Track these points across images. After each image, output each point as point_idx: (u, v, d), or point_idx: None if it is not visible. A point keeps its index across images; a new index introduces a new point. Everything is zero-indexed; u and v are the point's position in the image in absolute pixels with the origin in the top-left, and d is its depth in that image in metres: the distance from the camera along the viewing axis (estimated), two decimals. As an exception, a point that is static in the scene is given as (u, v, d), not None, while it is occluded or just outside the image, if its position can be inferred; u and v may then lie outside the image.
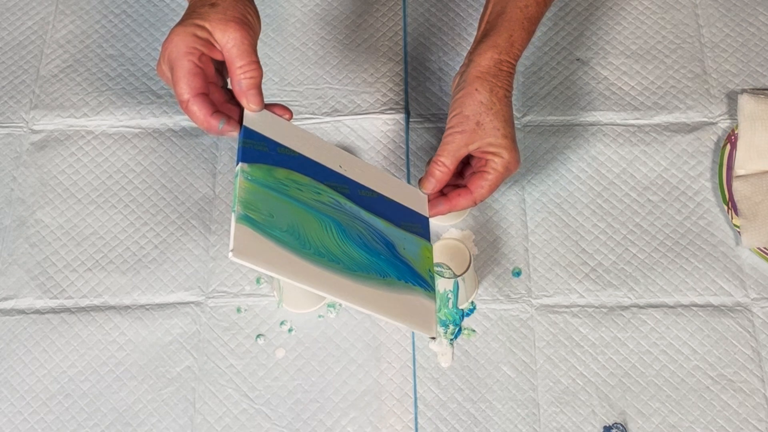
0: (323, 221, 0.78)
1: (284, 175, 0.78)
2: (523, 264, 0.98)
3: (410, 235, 0.85)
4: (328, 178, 0.82)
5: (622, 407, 0.91)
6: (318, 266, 0.75)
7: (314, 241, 0.77)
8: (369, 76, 1.10)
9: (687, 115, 1.06)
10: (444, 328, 0.94)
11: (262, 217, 0.74)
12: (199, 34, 0.75)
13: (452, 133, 0.87)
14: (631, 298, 0.96)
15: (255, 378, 0.93)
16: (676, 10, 1.13)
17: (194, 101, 0.75)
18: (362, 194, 0.84)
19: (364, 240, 0.81)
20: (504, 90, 0.87)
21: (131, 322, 0.96)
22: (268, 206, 0.75)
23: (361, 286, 0.77)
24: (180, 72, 0.75)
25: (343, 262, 0.77)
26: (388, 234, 0.83)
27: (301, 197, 0.78)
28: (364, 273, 0.78)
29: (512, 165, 0.87)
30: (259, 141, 0.78)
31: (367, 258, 0.80)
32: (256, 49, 0.77)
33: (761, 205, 0.97)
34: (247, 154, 0.76)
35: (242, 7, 0.78)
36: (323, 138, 1.06)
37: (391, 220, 0.84)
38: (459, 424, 0.91)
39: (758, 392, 0.91)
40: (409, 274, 0.82)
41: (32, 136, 1.07)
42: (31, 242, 1.01)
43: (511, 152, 0.87)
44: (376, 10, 1.15)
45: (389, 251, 0.82)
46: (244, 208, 0.73)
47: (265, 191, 0.76)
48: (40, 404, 0.92)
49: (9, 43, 1.14)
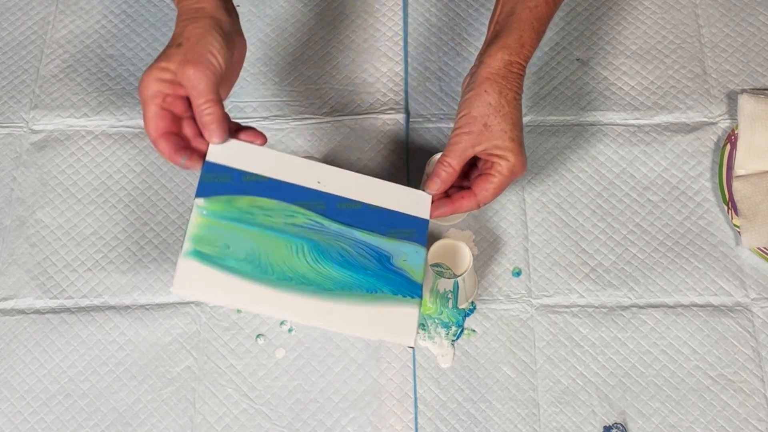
0: (294, 244, 0.79)
1: (248, 203, 0.80)
2: (523, 264, 0.98)
3: (405, 243, 0.84)
4: (301, 197, 0.82)
5: (622, 407, 0.91)
6: (281, 290, 0.77)
7: (279, 266, 0.78)
8: (369, 76, 1.10)
9: (687, 115, 1.06)
10: (446, 329, 0.94)
11: (215, 250, 0.76)
12: (163, 77, 0.78)
13: (459, 134, 0.86)
14: (631, 298, 0.96)
15: (255, 378, 0.93)
16: (676, 10, 1.13)
17: (158, 141, 0.79)
18: (342, 207, 0.83)
19: (347, 258, 0.80)
20: (513, 92, 0.86)
21: (131, 322, 0.96)
22: (224, 238, 0.77)
23: (333, 305, 0.78)
24: (147, 114, 0.79)
25: (317, 283, 0.78)
26: (383, 246, 0.82)
27: (269, 222, 0.79)
28: (344, 291, 0.79)
29: (518, 168, 0.86)
30: (222, 173, 0.80)
31: (349, 276, 0.80)
32: (216, 87, 0.79)
33: (761, 205, 0.97)
34: (205, 188, 0.79)
35: (205, 46, 0.79)
36: (323, 138, 1.06)
37: (376, 230, 0.83)
38: (459, 424, 0.91)
39: (758, 392, 0.91)
40: (404, 285, 0.81)
41: (32, 136, 1.07)
42: (31, 242, 1.01)
43: (518, 156, 0.86)
44: (376, 10, 1.15)
45: (380, 265, 0.81)
46: (194, 244, 0.76)
47: (224, 223, 0.78)
48: (40, 404, 0.92)
49: (9, 43, 1.14)
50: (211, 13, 0.81)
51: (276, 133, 1.06)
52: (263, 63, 1.11)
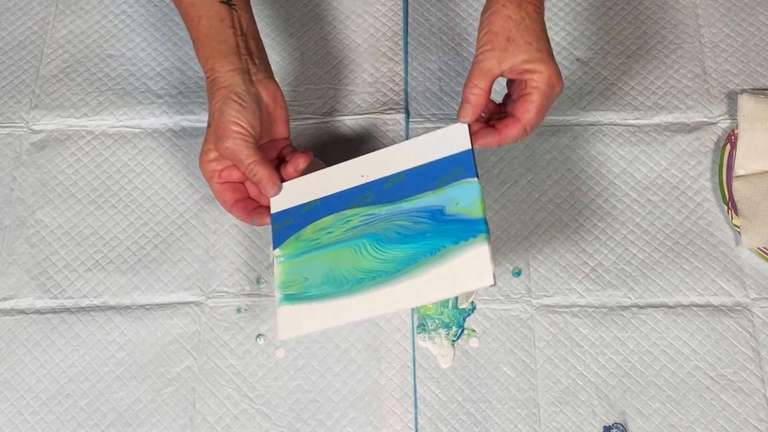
0: (355, 246, 0.82)
1: (311, 231, 0.85)
2: (523, 264, 0.98)
3: (455, 185, 0.80)
4: (352, 198, 0.84)
5: (622, 407, 0.91)
6: (357, 294, 0.80)
7: (349, 272, 0.81)
8: (369, 76, 1.10)
9: (687, 115, 1.06)
10: (446, 329, 0.94)
11: (297, 287, 0.83)
12: (210, 157, 0.86)
13: (483, 52, 0.82)
14: (631, 298, 0.96)
15: (255, 378, 0.93)
16: (676, 10, 1.13)
17: (232, 211, 0.87)
18: (388, 186, 0.83)
19: (404, 233, 0.80)
20: (533, 5, 0.83)
21: (131, 322, 0.96)
22: (302, 273, 0.83)
23: (406, 284, 0.78)
24: (213, 192, 0.88)
25: (384, 271, 0.80)
26: (434, 203, 0.80)
27: (331, 239, 0.83)
28: (410, 265, 0.79)
29: (554, 80, 0.82)
30: (285, 218, 0.86)
31: (410, 248, 0.79)
32: (251, 149, 0.84)
33: (761, 205, 0.97)
34: (277, 237, 0.86)
35: (227, 119, 0.84)
36: (323, 138, 1.06)
37: (425, 189, 0.81)
38: (459, 424, 0.91)
39: (758, 392, 0.91)
40: (464, 229, 0.78)
41: (32, 136, 1.07)
42: (31, 242, 1.01)
43: (550, 66, 0.81)
44: (376, 10, 1.15)
45: (435, 222, 0.79)
46: (282, 290, 0.84)
47: (298, 260, 0.84)
48: (40, 404, 0.92)
49: (9, 43, 1.14)
50: (223, 83, 0.85)
51: (276, 133, 1.06)
52: (263, 63, 1.11)
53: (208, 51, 0.86)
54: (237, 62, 0.86)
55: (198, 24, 0.87)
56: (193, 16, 0.88)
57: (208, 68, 0.86)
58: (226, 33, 0.87)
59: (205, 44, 0.87)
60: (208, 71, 0.86)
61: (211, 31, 0.87)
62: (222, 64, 0.85)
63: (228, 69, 0.85)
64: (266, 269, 0.98)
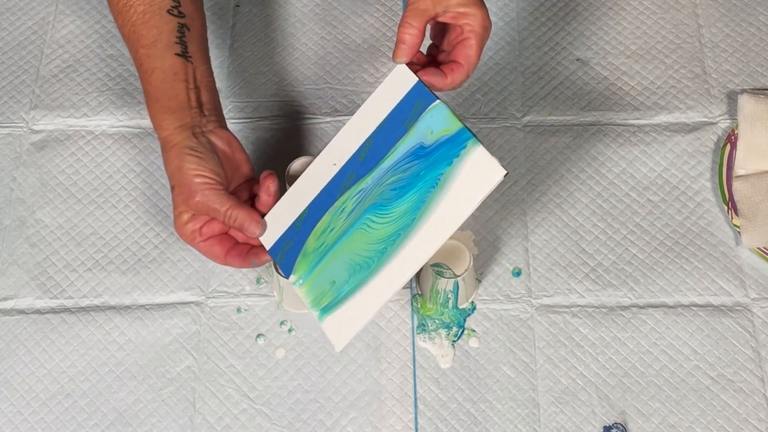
0: (362, 225, 0.81)
1: (313, 240, 0.83)
2: (523, 264, 0.98)
3: (422, 118, 0.80)
4: (335, 188, 0.83)
5: (622, 407, 0.91)
6: (389, 262, 0.79)
7: (369, 251, 0.80)
8: (369, 76, 1.10)
9: (687, 115, 1.06)
10: (447, 330, 0.94)
11: (329, 296, 0.81)
12: (184, 219, 0.84)
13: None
14: (631, 298, 0.96)
15: (255, 378, 0.93)
16: (676, 10, 1.13)
17: (226, 262, 0.85)
18: (362, 158, 0.83)
19: (399, 185, 0.80)
20: None
21: (131, 322, 0.96)
22: (326, 279, 0.82)
23: (426, 229, 0.78)
24: (201, 252, 0.85)
25: (399, 229, 0.79)
26: (410, 144, 0.80)
27: (337, 233, 0.82)
28: (422, 206, 0.78)
29: (487, 22, 0.83)
30: (282, 245, 0.84)
31: (413, 194, 0.79)
32: (223, 196, 0.83)
33: (761, 205, 0.97)
34: (284, 266, 0.84)
35: (188, 174, 0.82)
36: (323, 138, 1.06)
37: (397, 138, 0.81)
38: (459, 424, 0.91)
39: (758, 392, 0.91)
40: (449, 149, 0.78)
41: (32, 136, 1.07)
42: (31, 242, 1.01)
43: (482, 8, 0.82)
44: (376, 10, 1.15)
45: (421, 159, 0.79)
46: (315, 306, 0.82)
47: (316, 272, 0.82)
48: (40, 404, 0.92)
49: (9, 43, 1.14)
50: (173, 140, 0.83)
51: (276, 133, 1.06)
52: (263, 63, 1.11)
53: (157, 107, 0.85)
54: (186, 117, 0.84)
55: (150, 77, 0.85)
56: (147, 68, 0.86)
57: (157, 126, 0.85)
58: (177, 87, 0.85)
59: (155, 99, 0.85)
60: (158, 129, 0.85)
61: (163, 84, 0.85)
62: (170, 121, 0.84)
63: (176, 126, 0.83)
64: (266, 269, 0.98)
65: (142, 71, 0.87)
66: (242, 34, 1.14)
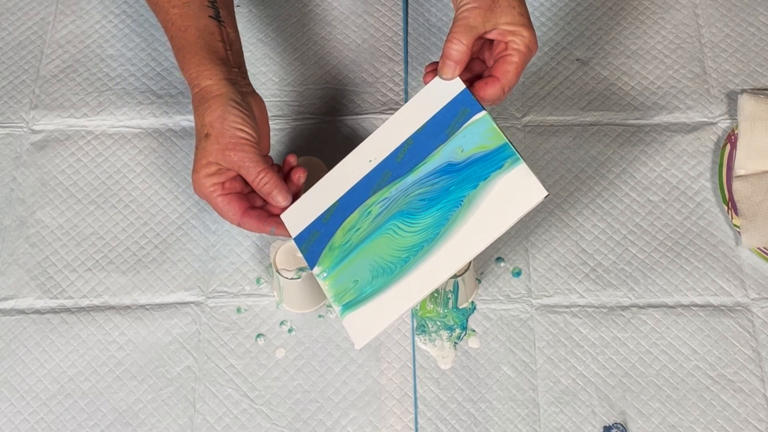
0: (387, 230, 0.81)
1: (341, 235, 0.83)
2: (523, 264, 0.98)
3: (464, 129, 0.80)
4: (368, 186, 0.83)
5: (622, 407, 0.91)
6: (412, 271, 0.79)
7: (393, 257, 0.80)
8: (369, 76, 1.10)
9: (687, 115, 1.06)
10: (449, 331, 0.94)
11: (351, 293, 0.81)
12: (210, 171, 0.82)
13: (467, 9, 0.81)
14: (631, 298, 0.96)
15: (255, 378, 0.93)
16: (676, 10, 1.13)
17: (243, 222, 0.84)
18: (400, 159, 0.82)
19: (428, 197, 0.80)
20: None
21: (131, 322, 0.96)
22: (349, 277, 0.81)
23: (451, 243, 0.78)
24: (217, 208, 0.83)
25: (423, 240, 0.79)
26: (444, 157, 0.80)
27: (363, 234, 0.82)
28: (443, 225, 0.78)
29: (533, 44, 0.82)
30: (309, 235, 0.84)
31: (438, 209, 0.79)
32: (259, 155, 0.82)
33: (761, 205, 0.97)
34: (310, 258, 0.84)
35: (230, 125, 0.81)
36: (323, 138, 1.06)
37: (438, 144, 0.81)
38: (459, 424, 0.91)
39: (758, 392, 0.91)
40: (481, 167, 0.78)
41: (32, 136, 1.07)
42: (31, 242, 1.01)
43: (530, 31, 0.82)
44: (376, 10, 1.15)
45: (453, 174, 0.79)
46: (338, 302, 0.81)
47: (339, 268, 0.82)
48: (40, 404, 0.92)
49: (9, 43, 1.14)
50: (217, 91, 0.82)
51: (276, 133, 1.06)
52: (263, 63, 1.11)
53: (197, 59, 0.84)
54: (229, 73, 0.84)
55: (185, 33, 0.85)
56: (180, 26, 0.85)
57: (196, 76, 0.83)
58: (216, 45, 0.85)
59: (194, 52, 0.84)
60: (195, 79, 0.83)
61: (200, 40, 0.84)
62: (215, 72, 0.83)
63: (221, 77, 0.83)
64: (266, 269, 0.98)
65: (174, 29, 0.86)
66: (242, 34, 1.13)
